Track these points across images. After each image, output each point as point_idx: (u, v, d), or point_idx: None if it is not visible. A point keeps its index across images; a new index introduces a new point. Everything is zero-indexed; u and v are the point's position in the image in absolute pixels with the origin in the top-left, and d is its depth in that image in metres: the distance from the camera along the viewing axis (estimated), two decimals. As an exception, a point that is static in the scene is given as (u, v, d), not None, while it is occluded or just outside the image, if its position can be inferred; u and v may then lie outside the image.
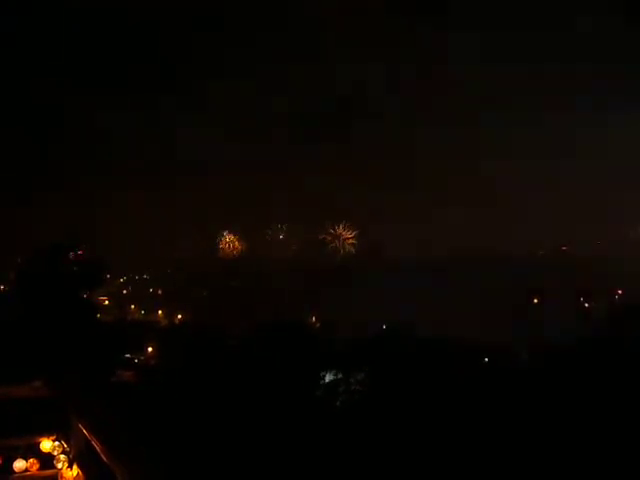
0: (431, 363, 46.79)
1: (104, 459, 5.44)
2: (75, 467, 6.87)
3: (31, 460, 7.08)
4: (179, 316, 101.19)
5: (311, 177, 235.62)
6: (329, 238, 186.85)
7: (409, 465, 30.48)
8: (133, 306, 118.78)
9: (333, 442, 32.51)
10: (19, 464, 7.03)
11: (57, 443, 7.18)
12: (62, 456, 7.07)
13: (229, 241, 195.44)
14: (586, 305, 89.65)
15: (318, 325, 76.86)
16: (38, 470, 7.06)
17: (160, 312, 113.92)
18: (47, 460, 7.11)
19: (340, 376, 44.13)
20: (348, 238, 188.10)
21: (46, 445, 7.15)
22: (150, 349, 56.11)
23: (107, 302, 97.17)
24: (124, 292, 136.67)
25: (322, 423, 36.04)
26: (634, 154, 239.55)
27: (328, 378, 44.08)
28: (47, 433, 7.19)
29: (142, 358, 52.97)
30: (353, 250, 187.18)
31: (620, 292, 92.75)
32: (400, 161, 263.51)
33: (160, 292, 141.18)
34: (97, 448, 5.74)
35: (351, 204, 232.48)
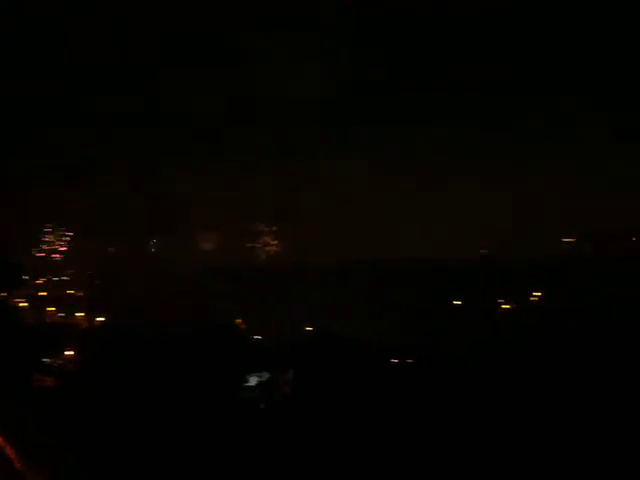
0: (356, 365, 47.35)
1: (17, 466, 5.22)
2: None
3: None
4: (100, 318, 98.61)
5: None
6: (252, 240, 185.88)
7: (334, 460, 30.72)
8: (52, 308, 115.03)
9: (260, 441, 32.46)
10: None
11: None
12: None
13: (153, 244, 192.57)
14: (504, 307, 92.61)
15: (244, 327, 76.48)
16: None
17: (80, 314, 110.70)
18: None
19: (268, 377, 44.07)
20: (269, 242, 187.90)
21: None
22: (69, 352, 54.40)
23: (24, 304, 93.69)
24: (42, 294, 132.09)
25: (249, 424, 35.91)
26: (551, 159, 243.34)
27: (255, 379, 43.93)
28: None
29: (60, 362, 51.27)
30: (273, 253, 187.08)
31: (539, 294, 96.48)
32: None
33: (81, 294, 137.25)
34: (11, 455, 5.50)
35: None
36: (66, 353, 54.59)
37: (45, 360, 46.50)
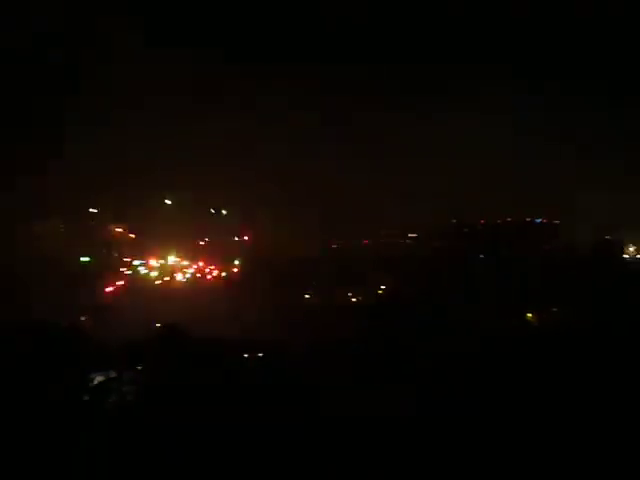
0: (206, 362, 47.45)
1: None
2: None
3: None
4: None
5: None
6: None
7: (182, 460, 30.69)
8: None
9: (105, 443, 31.81)
10: None
11: None
12: None
13: None
14: (353, 300, 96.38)
15: (90, 324, 73.56)
16: None
17: None
18: None
19: (113, 376, 43.05)
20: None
21: None
22: None
23: None
24: None
25: (90, 426, 35.00)
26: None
27: (99, 378, 42.71)
28: None
29: None
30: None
31: (383, 287, 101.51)
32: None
33: None
34: None
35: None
36: None
37: None
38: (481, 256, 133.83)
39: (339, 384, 41.84)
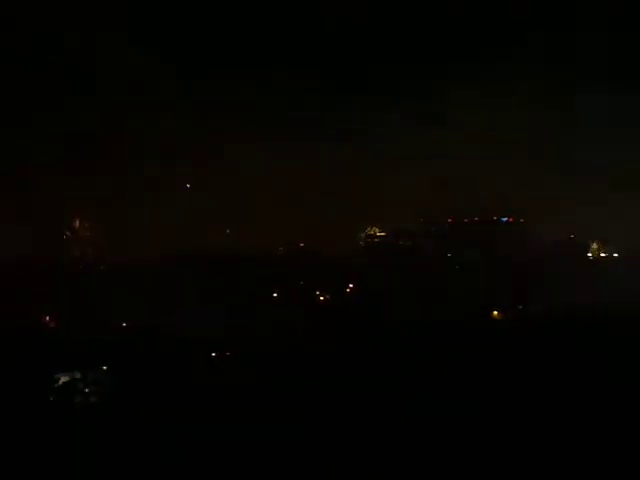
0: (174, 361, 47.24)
1: None
2: None
3: None
4: None
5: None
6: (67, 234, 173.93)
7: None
8: None
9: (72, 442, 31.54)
10: None
11: None
12: None
13: None
14: (321, 298, 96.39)
15: (53, 325, 72.47)
16: None
17: None
18: None
19: (79, 376, 42.60)
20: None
21: None
22: None
23: None
24: None
25: (58, 424, 34.61)
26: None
27: (65, 378, 42.23)
28: None
29: None
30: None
31: (351, 286, 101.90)
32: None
33: None
34: None
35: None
36: None
37: None
38: (448, 255, 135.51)
39: (304, 382, 41.98)
